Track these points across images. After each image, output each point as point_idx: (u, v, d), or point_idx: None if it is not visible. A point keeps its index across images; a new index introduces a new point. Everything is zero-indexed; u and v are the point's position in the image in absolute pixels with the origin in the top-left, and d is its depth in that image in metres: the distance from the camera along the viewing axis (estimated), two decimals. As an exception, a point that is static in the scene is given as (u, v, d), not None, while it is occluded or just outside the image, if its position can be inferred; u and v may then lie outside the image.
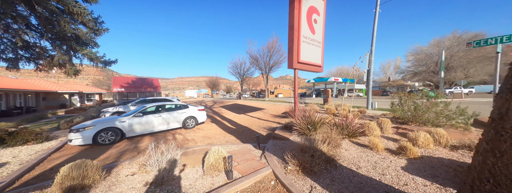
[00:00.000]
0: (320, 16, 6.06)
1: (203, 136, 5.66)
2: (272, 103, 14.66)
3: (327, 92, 11.71)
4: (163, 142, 5.19)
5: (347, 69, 48.07)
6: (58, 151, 4.47)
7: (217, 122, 8.49)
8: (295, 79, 5.87)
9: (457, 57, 23.06)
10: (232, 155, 3.44)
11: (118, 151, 4.38)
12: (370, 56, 8.06)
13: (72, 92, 22.09)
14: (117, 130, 5.09)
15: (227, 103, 18.79)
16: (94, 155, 4.10)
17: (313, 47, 5.99)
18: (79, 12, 4.78)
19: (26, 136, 4.79)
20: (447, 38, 24.11)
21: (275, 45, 18.50)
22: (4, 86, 12.96)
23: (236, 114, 11.15)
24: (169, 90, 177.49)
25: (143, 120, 5.75)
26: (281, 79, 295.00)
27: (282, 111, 9.71)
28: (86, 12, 4.91)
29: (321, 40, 6.23)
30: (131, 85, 27.47)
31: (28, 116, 11.41)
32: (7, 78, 17.29)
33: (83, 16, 4.90)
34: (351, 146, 3.30)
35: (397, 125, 4.40)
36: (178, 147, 4.54)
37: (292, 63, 5.54)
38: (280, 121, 7.08)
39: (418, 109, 4.22)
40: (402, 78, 40.64)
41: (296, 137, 4.14)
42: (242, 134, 5.77)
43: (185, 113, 7.00)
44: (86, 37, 5.37)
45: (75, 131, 4.55)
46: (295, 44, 5.50)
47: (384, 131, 3.99)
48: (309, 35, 5.79)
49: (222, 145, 4.27)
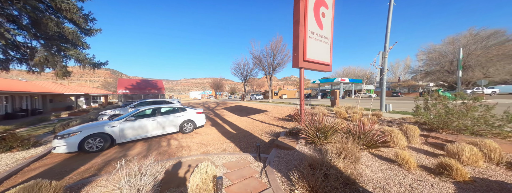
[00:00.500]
0: (328, 10, 5.47)
1: (200, 143, 5.16)
2: (276, 105, 14.05)
3: (335, 93, 10.98)
4: (156, 149, 4.78)
5: (354, 69, 46.65)
6: (40, 159, 4.09)
7: (217, 126, 7.99)
8: (301, 80, 5.28)
9: (474, 55, 21.57)
10: (227, 169, 2.91)
11: (104, 160, 3.94)
12: (383, 54, 7.33)
13: (78, 94, 22.43)
14: (106, 136, 4.68)
15: (230, 104, 18.34)
16: (75, 165, 3.67)
17: (321, 43, 5.39)
18: (67, 8, 4.46)
19: (11, 142, 4.47)
20: (463, 36, 22.68)
21: (279, 44, 17.96)
22: (11, 88, 13.13)
23: (238, 116, 10.64)
24: (175, 92, 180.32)
25: (136, 124, 5.33)
26: (285, 80, 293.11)
27: (286, 114, 9.10)
28: (74, 8, 4.59)
29: (330, 36, 5.63)
30: (135, 87, 27.68)
31: (31, 119, 11.41)
32: (15, 81, 17.69)
33: (72, 12, 4.59)
34: (373, 161, 2.67)
35: (425, 132, 3.71)
36: (169, 156, 4.05)
37: (298, 62, 4.98)
38: (285, 125, 6.49)
39: (451, 113, 3.52)
40: (413, 78, 38.88)
41: (303, 146, 3.54)
42: (242, 140, 5.22)
43: (182, 117, 6.55)
44: (74, 36, 5.05)
45: (60, 137, 4.17)
46: (301, 41, 4.93)
47: (411, 141, 3.31)
48: (316, 31, 5.21)
49: (218, 154, 3.74)
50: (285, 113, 9.35)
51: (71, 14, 4.67)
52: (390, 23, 7.28)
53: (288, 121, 7.25)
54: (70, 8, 4.55)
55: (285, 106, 12.50)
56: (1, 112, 12.46)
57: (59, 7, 4.41)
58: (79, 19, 4.94)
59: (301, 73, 5.24)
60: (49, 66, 5.23)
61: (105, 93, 26.92)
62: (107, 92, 27.46)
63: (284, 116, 8.65)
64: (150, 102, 10.36)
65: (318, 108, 8.21)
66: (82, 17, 5.06)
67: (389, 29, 7.32)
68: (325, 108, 8.41)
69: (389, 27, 7.32)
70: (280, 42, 18.05)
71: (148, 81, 31.35)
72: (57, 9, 4.49)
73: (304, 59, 5.02)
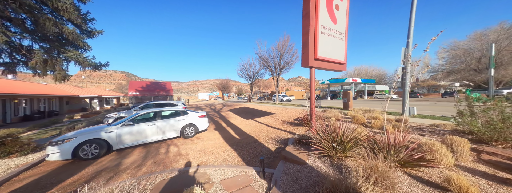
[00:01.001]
0: (343, 1, 4.84)
1: (200, 150, 4.74)
2: (283, 107, 13.40)
3: (348, 95, 10.11)
4: (152, 157, 4.43)
5: (366, 69, 44.40)
6: (34, 167, 3.89)
7: (221, 130, 7.57)
8: (311, 80, 4.67)
9: (507, 52, 19.29)
10: (224, 190, 2.42)
11: (95, 170, 3.64)
12: (406, 51, 6.48)
13: (92, 96, 23.42)
14: (102, 142, 4.42)
15: (236, 106, 17.98)
16: (64, 175, 3.40)
17: (334, 40, 4.78)
18: (64, 7, 4.33)
19: (10, 147, 4.35)
20: (493, 30, 20.43)
21: (286, 44, 17.32)
22: (30, 91, 13.87)
23: (243, 119, 10.18)
24: (185, 93, 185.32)
25: (134, 129, 5.05)
26: (293, 81, 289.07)
27: (294, 117, 8.46)
28: (71, 7, 4.45)
29: (344, 31, 4.99)
30: (145, 89, 28.44)
31: (45, 121, 11.86)
32: (36, 84, 18.84)
33: (70, 12, 4.46)
34: (415, 187, 2.02)
35: (474, 145, 2.94)
36: (164, 166, 3.65)
37: (308, 61, 4.40)
38: (293, 130, 5.89)
39: (510, 121, 2.73)
40: (432, 78, 36.01)
41: (317, 160, 2.95)
42: (246, 148, 4.72)
43: (184, 121, 6.20)
44: (74, 37, 4.94)
45: (54, 144, 3.96)
46: (311, 37, 4.36)
47: (459, 158, 2.59)
48: (329, 25, 4.61)
49: (217, 167, 3.27)
50: (293, 116, 8.71)
51: (69, 14, 4.55)
52: (414, 14, 6.41)
53: (297, 125, 6.63)
54: (67, 7, 4.42)
55: (293, 109, 11.82)
56: (20, 114, 13.15)
57: (56, 6, 4.31)
58: (78, 19, 4.83)
59: (312, 73, 4.64)
60: (49, 69, 5.17)
61: (117, 95, 27.94)
62: (119, 94, 28.49)
63: (292, 119, 8.03)
64: (154, 104, 10.25)
65: (330, 112, 7.48)
66: (80, 17, 4.95)
67: (412, 22, 6.45)
68: (338, 112, 7.65)
69: (413, 20, 6.45)
70: (287, 42, 17.41)
71: (157, 83, 32.14)
72: (54, 8, 4.40)
73: (315, 58, 4.44)
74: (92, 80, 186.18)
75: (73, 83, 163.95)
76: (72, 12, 4.51)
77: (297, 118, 7.89)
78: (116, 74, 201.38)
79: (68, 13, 4.51)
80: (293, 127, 6.51)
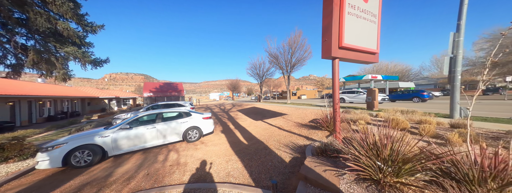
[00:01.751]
0: (376, -28, 3.80)
1: (201, 159, 4.09)
2: (295, 107, 12.38)
3: (373, 93, 8.77)
4: (147, 167, 3.89)
5: (387, 65, 40.66)
6: (22, 176, 3.58)
7: (228, 133, 6.92)
8: (334, 74, 3.72)
9: None
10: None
11: (83, 181, 3.18)
12: (456, 36, 5.12)
13: (110, 97, 24.70)
14: (96, 148, 4.01)
15: (245, 106, 17.35)
16: (47, 188, 2.97)
17: (365, 22, 3.79)
18: (51, 0, 4.04)
19: (8, 152, 4.16)
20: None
21: (298, 39, 16.15)
22: (54, 93, 14.80)
23: (253, 120, 9.44)
24: (197, 94, 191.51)
25: (132, 133, 4.60)
26: (304, 80, 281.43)
27: (309, 118, 7.48)
28: (59, 1, 4.13)
29: (377, 12, 3.94)
30: (158, 89, 29.36)
31: (64, 121, 12.44)
32: (61, 86, 20.29)
33: (57, 5, 4.16)
34: None
35: None
36: (155, 181, 3.04)
37: (330, 50, 3.49)
38: (310, 135, 4.97)
39: None
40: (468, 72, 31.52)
41: (355, 185, 2.07)
42: (254, 157, 3.95)
43: (187, 123, 5.65)
44: (70, 33, 4.69)
45: (44, 150, 3.62)
46: (335, 19, 3.45)
47: None
48: (358, 4, 3.63)
49: (217, 185, 2.56)
50: (307, 118, 7.73)
51: (57, 7, 4.26)
52: (466, -11, 5.02)
53: (313, 128, 5.68)
54: (54, 0, 4.12)
55: (307, 109, 10.76)
56: (45, 115, 14.06)
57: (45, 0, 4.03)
58: (68, 13, 4.55)
59: (335, 66, 3.70)
60: (49, 68, 5.01)
61: (133, 96, 29.23)
62: (134, 95, 29.80)
63: (307, 121, 7.06)
64: (161, 105, 10.02)
65: (353, 113, 6.36)
66: (71, 11, 4.66)
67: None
68: (366, 113, 6.47)
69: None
70: (299, 37, 16.22)
71: (170, 84, 33.05)
72: (43, 2, 4.13)
73: (340, 46, 3.51)
74: (116, 82, 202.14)
75: (100, 85, 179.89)
76: (59, 5, 4.21)
77: (313, 120, 6.90)
78: (136, 77, 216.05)
79: (56, 7, 4.22)
80: (309, 130, 5.58)
